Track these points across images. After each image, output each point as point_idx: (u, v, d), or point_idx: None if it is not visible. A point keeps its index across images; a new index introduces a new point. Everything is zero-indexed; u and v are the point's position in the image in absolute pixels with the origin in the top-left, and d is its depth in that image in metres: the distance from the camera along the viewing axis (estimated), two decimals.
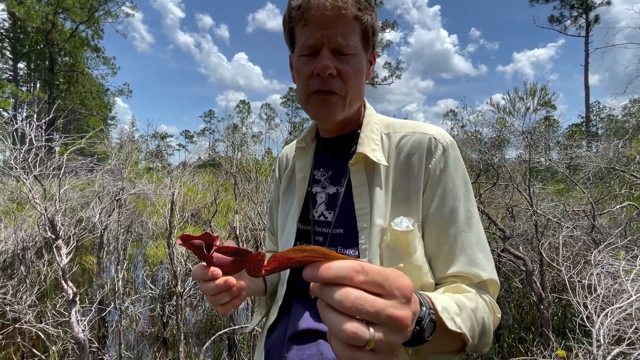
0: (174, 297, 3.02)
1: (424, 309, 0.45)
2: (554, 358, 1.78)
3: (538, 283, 2.78)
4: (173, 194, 3.10)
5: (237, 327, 2.74)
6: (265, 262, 0.36)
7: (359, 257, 0.65)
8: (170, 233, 3.06)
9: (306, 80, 0.67)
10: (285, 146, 0.96)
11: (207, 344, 2.32)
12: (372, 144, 0.70)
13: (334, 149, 0.78)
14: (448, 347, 0.56)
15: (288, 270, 0.73)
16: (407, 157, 0.69)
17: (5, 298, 3.19)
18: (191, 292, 3.21)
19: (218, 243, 0.56)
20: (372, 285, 0.33)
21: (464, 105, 5.34)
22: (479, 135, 5.33)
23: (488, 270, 0.64)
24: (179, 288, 2.89)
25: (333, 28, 0.62)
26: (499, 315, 0.66)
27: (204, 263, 0.56)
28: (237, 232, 3.20)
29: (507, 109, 4.31)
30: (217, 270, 0.54)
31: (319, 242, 0.72)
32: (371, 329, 0.32)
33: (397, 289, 0.34)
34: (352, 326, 0.32)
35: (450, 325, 0.50)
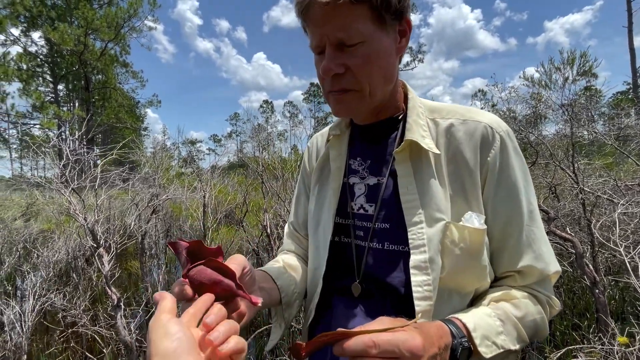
0: None
1: (456, 340, 0.50)
2: (615, 345, 1.63)
3: (590, 265, 2.57)
4: (204, 197, 3.17)
5: None
6: (304, 344, 0.44)
7: (409, 253, 0.60)
8: (204, 235, 3.13)
9: (321, 80, 0.64)
10: (314, 135, 0.91)
11: (248, 340, 2.35)
12: (420, 130, 0.64)
13: (372, 136, 0.72)
14: (499, 357, 0.56)
15: (324, 267, 0.69)
16: (459, 147, 0.63)
17: (62, 304, 3.44)
18: None
19: (220, 259, 0.51)
20: (386, 354, 0.41)
21: (495, 82, 5.02)
22: (512, 114, 5.01)
23: (553, 263, 0.62)
24: None
25: (330, 23, 0.57)
26: (558, 308, 0.63)
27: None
28: (269, 231, 3.23)
29: (543, 82, 4.00)
30: (187, 290, 0.48)
31: (360, 236, 0.68)
32: None
33: (408, 351, 0.42)
34: None
35: (493, 351, 0.53)
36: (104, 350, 2.80)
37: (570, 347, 1.92)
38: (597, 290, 2.40)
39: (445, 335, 0.50)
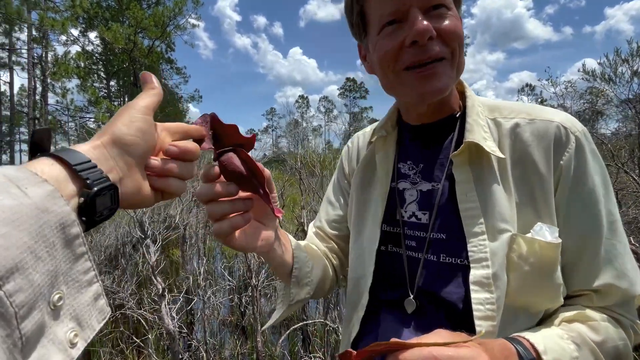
0: (249, 289, 3.18)
1: None
2: None
3: None
4: None
5: (309, 321, 2.77)
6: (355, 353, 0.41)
7: (469, 267, 0.54)
8: None
9: (393, 55, 0.55)
10: (355, 134, 0.84)
11: (282, 337, 2.38)
12: (481, 132, 0.57)
13: (426, 138, 0.65)
14: None
15: (370, 277, 0.64)
16: (527, 150, 0.56)
17: (112, 287, 3.69)
18: (264, 284, 3.35)
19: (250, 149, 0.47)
20: None
21: (549, 76, 4.62)
22: (565, 111, 4.61)
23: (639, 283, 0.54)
24: (254, 281, 3.03)
25: None
26: None
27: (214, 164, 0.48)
28: (305, 228, 3.24)
29: (606, 76, 3.62)
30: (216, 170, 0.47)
31: (412, 247, 0.62)
32: None
33: None
34: None
35: None
36: (148, 335, 2.97)
37: None
38: None
39: (512, 356, 0.46)
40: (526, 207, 0.55)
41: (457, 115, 0.63)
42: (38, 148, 0.35)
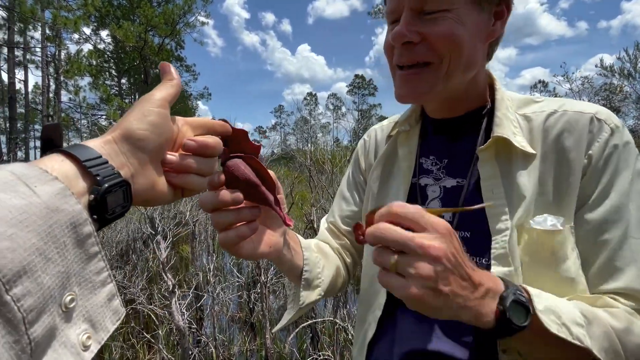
0: (258, 285, 3.19)
1: (510, 289, 0.43)
2: None
3: None
4: None
5: (319, 319, 2.76)
6: None
7: (490, 266, 0.52)
8: None
9: (389, 52, 0.56)
10: (374, 126, 0.81)
11: (291, 335, 2.37)
12: (511, 126, 0.55)
13: (450, 132, 0.63)
14: None
15: None
16: (557, 141, 0.53)
17: (123, 282, 3.74)
18: (273, 281, 3.35)
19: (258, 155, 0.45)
20: (407, 222, 0.40)
21: (564, 72, 4.49)
22: None
23: None
24: (263, 278, 3.03)
25: None
26: None
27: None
28: (315, 225, 3.22)
29: (625, 71, 3.48)
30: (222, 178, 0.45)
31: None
32: (395, 255, 0.39)
33: (430, 225, 0.39)
34: (377, 250, 0.41)
35: (562, 332, 0.41)
36: (158, 330, 2.99)
37: None
38: None
39: (494, 281, 0.43)
40: (549, 200, 0.52)
41: (485, 110, 0.60)
42: (49, 144, 0.34)
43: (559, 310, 0.43)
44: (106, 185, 0.31)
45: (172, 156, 0.40)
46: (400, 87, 0.56)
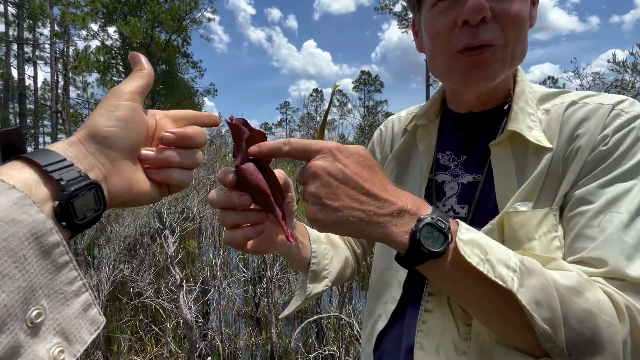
0: (264, 281, 3.21)
1: (433, 213, 0.40)
2: None
3: None
4: None
5: (324, 314, 2.77)
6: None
7: None
8: None
9: (445, 34, 0.51)
10: (390, 117, 0.79)
11: (297, 330, 2.39)
12: (527, 120, 0.53)
13: (473, 127, 0.61)
14: (504, 318, 0.42)
15: (406, 272, 0.61)
16: (573, 130, 0.51)
17: (131, 276, 3.79)
18: (279, 277, 3.37)
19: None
20: (298, 152, 0.42)
21: (575, 68, 4.39)
22: None
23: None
24: (269, 273, 3.05)
25: None
26: None
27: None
28: None
29: (638, 67, 3.41)
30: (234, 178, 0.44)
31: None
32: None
33: (317, 151, 0.41)
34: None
35: (481, 265, 0.38)
36: (166, 323, 3.03)
37: None
38: None
39: (416, 204, 0.41)
40: (549, 188, 0.50)
41: (507, 105, 0.58)
42: (12, 151, 0.31)
43: (489, 248, 0.40)
44: (72, 189, 0.30)
45: (148, 151, 0.38)
46: (467, 71, 0.51)
